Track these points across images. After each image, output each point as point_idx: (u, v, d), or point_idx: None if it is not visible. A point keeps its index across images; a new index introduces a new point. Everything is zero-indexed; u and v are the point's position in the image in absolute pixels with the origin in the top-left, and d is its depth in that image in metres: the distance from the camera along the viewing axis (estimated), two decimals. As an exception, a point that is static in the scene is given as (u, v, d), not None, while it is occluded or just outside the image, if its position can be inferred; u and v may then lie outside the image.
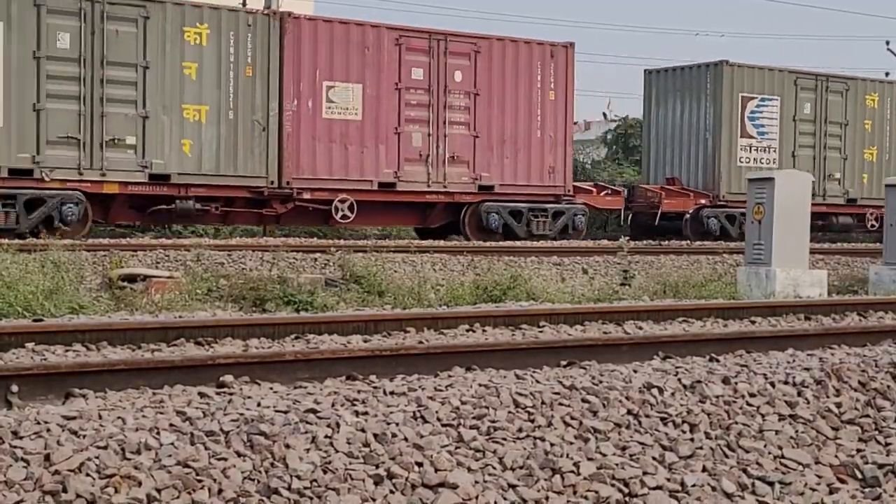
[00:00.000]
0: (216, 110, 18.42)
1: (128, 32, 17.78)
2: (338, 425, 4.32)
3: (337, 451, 4.18)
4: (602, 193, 23.70)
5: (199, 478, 3.86)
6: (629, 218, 24.98)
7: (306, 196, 19.39)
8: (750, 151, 24.89)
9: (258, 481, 3.94)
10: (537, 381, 5.19)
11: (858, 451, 4.99)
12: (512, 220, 21.07)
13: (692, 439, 4.80)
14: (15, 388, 5.47)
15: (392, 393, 4.88)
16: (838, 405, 5.31)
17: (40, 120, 17.14)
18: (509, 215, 21.10)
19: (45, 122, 17.16)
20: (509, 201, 21.19)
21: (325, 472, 4.04)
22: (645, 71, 27.11)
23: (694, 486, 4.41)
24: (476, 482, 4.17)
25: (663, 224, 24.46)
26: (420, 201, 20.83)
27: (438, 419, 4.53)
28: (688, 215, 24.41)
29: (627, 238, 17.89)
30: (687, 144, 25.50)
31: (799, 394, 5.34)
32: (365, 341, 7.92)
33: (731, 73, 24.55)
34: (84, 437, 4.01)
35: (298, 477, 3.98)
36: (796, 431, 5.02)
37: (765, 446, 4.85)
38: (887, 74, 30.17)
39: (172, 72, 18.10)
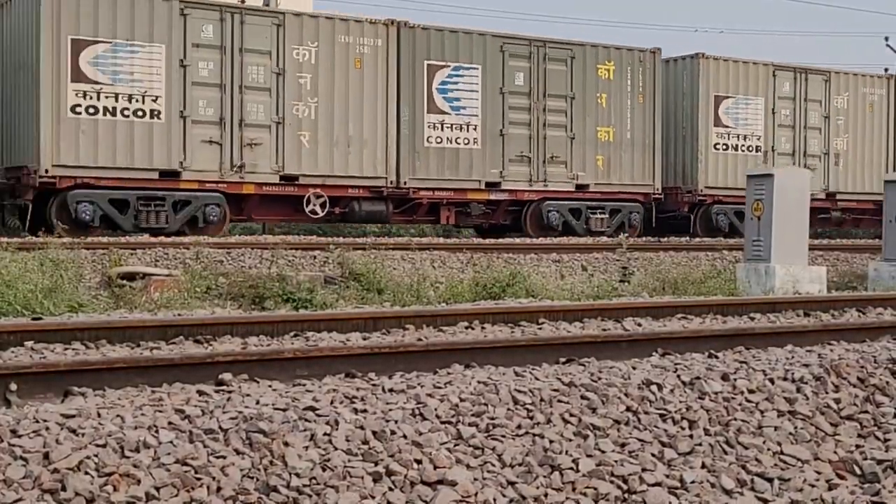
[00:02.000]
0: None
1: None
2: (337, 423, 4.32)
3: (336, 449, 4.18)
4: None
5: (197, 476, 3.86)
6: None
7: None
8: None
9: (257, 479, 3.94)
10: (536, 378, 5.19)
11: (857, 447, 4.99)
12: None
13: (691, 436, 4.80)
14: (14, 386, 5.46)
15: (391, 390, 4.88)
16: (837, 401, 5.31)
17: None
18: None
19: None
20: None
21: (324, 470, 4.04)
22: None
23: (693, 482, 4.42)
24: (475, 479, 4.17)
25: None
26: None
27: (437, 416, 4.53)
28: None
29: (626, 235, 17.90)
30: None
31: (798, 390, 5.34)
32: (364, 339, 7.91)
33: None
34: (83, 435, 4.01)
35: (297, 475, 3.98)
36: (795, 428, 5.02)
37: (764, 442, 4.85)
38: (886, 70, 30.18)
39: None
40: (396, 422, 4.42)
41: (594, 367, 5.68)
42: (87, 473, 3.76)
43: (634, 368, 5.53)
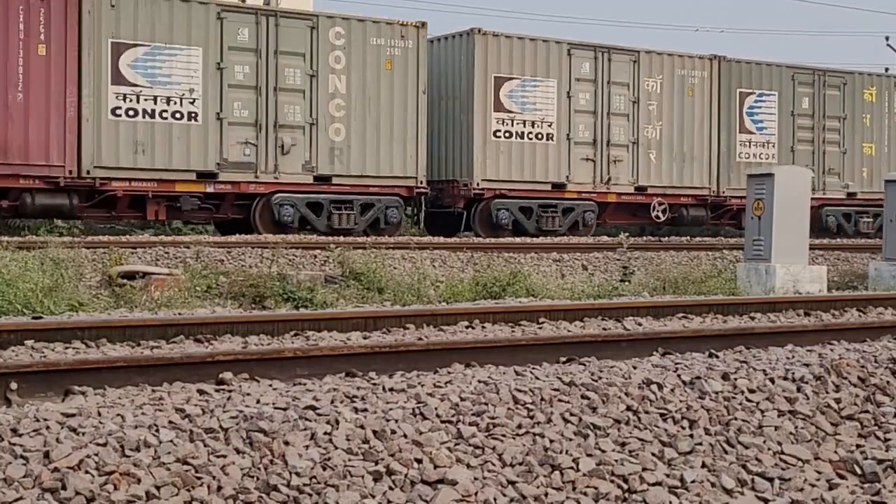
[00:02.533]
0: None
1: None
2: (337, 422, 4.32)
3: (336, 448, 4.18)
4: None
5: (198, 475, 3.86)
6: None
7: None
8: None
9: (257, 478, 3.94)
10: (537, 378, 5.19)
11: (858, 446, 4.99)
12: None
13: (691, 435, 4.80)
14: (14, 385, 5.47)
15: (391, 389, 4.88)
16: (838, 401, 5.31)
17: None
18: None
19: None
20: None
21: (324, 469, 4.04)
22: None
23: (693, 481, 4.41)
24: (475, 479, 4.17)
25: None
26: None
27: (438, 416, 4.53)
28: None
29: (627, 234, 17.91)
30: None
31: (798, 389, 5.34)
32: (364, 338, 7.91)
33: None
34: (83, 434, 4.01)
35: (298, 474, 3.98)
36: (796, 427, 5.02)
37: (764, 442, 4.85)
38: (886, 70, 30.18)
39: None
40: (397, 421, 4.42)
41: (595, 366, 5.68)
42: (87, 472, 3.76)
43: (635, 368, 5.53)
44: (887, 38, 41.30)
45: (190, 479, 3.83)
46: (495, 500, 4.08)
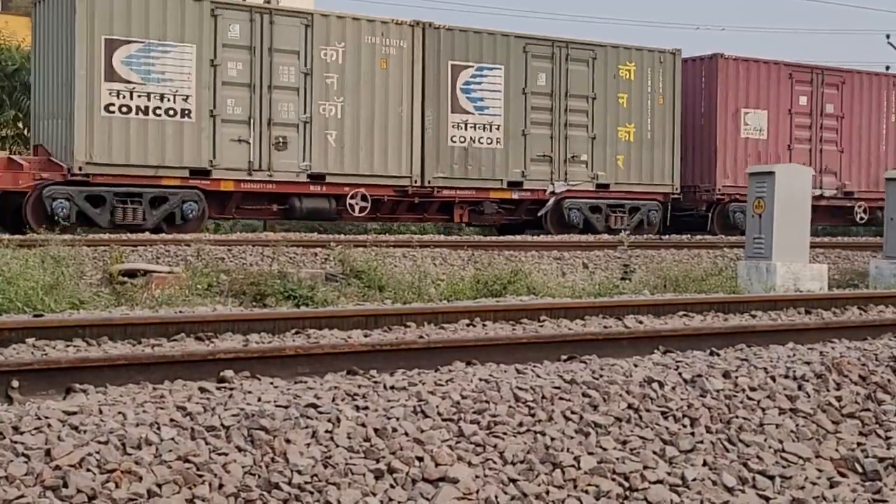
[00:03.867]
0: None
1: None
2: (338, 420, 4.32)
3: (337, 446, 4.18)
4: None
5: (199, 473, 3.86)
6: None
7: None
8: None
9: (259, 476, 3.94)
10: (538, 376, 5.19)
11: (859, 444, 4.99)
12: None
13: (693, 433, 4.80)
14: (15, 383, 5.47)
15: (392, 387, 4.88)
16: (839, 399, 5.31)
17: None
18: None
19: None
20: None
21: (325, 467, 4.04)
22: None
23: (694, 480, 4.42)
24: (476, 476, 4.17)
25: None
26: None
27: (439, 414, 4.53)
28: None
29: (627, 232, 17.89)
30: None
31: (799, 388, 5.34)
32: (365, 336, 7.91)
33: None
34: (85, 432, 4.01)
35: (299, 472, 3.98)
36: (797, 425, 5.02)
37: (765, 440, 4.85)
38: (888, 68, 30.15)
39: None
40: (398, 419, 4.42)
41: (596, 364, 5.68)
42: (88, 470, 3.76)
43: (636, 366, 5.53)
44: (888, 36, 41.24)
45: (191, 477, 3.83)
46: (496, 498, 4.08)
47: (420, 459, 4.20)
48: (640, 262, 16.83)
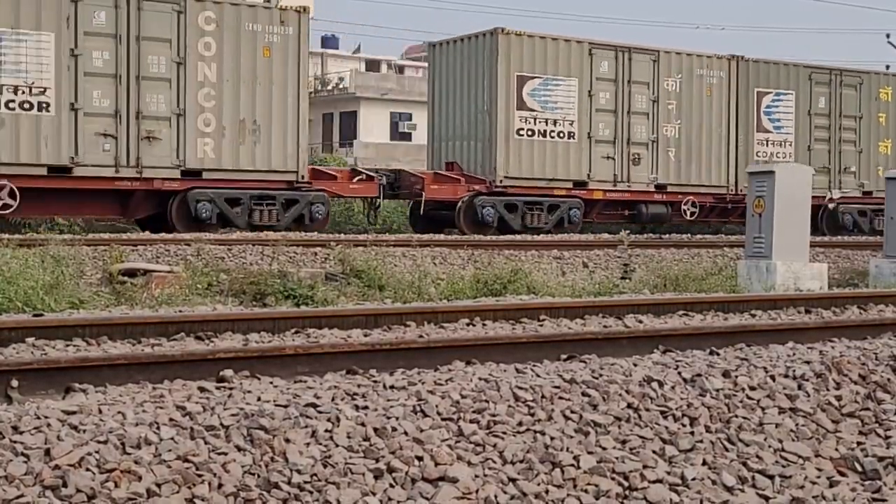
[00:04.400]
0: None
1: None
2: (338, 419, 4.32)
3: (337, 446, 4.18)
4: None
5: (199, 472, 3.86)
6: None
7: None
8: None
9: (258, 475, 3.94)
10: (537, 375, 5.19)
11: (858, 443, 4.99)
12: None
13: (692, 433, 4.80)
14: (15, 382, 5.47)
15: (392, 387, 4.88)
16: (838, 398, 5.31)
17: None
18: None
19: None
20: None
21: (325, 467, 4.04)
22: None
23: (694, 479, 4.42)
24: (476, 476, 4.17)
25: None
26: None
27: (438, 413, 4.53)
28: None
29: (628, 231, 17.89)
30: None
31: (799, 387, 5.34)
32: (365, 335, 7.91)
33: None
34: (84, 431, 4.01)
35: (298, 471, 3.98)
36: (796, 424, 5.02)
37: (765, 439, 4.85)
38: (888, 67, 30.16)
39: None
40: (397, 418, 4.42)
41: (595, 363, 5.68)
42: (88, 470, 3.76)
43: (636, 365, 5.53)
44: (888, 36, 41.25)
45: (191, 476, 3.83)
46: (496, 497, 4.08)
47: (419, 459, 4.20)
48: (639, 262, 16.82)
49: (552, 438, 4.51)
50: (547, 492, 4.18)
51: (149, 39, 18.83)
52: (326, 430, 4.25)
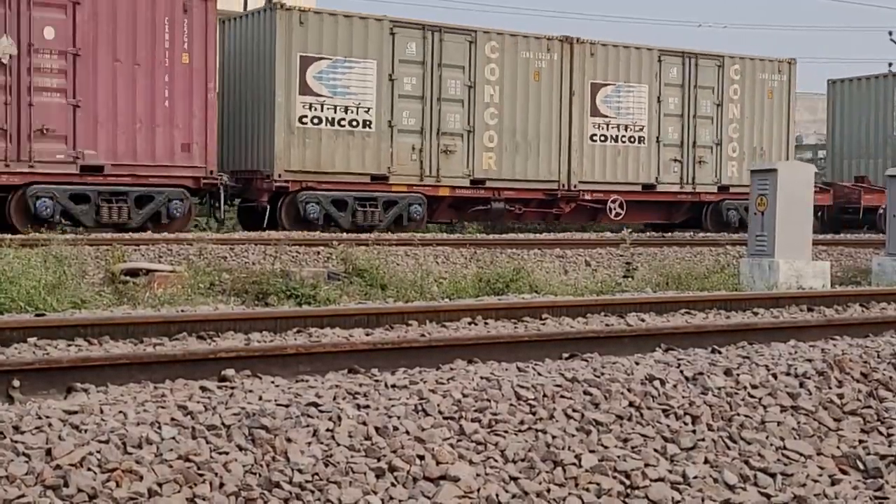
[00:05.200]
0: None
1: None
2: (339, 419, 4.32)
3: (338, 445, 4.18)
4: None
5: (200, 472, 3.86)
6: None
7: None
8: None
9: (259, 475, 3.94)
10: (539, 374, 5.19)
11: (860, 442, 4.99)
12: None
13: (694, 431, 4.80)
14: (17, 382, 5.47)
15: (394, 386, 4.87)
16: (840, 396, 5.30)
17: None
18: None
19: None
20: None
21: (326, 466, 4.04)
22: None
23: (696, 477, 4.41)
24: (477, 475, 4.17)
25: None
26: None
27: (440, 412, 4.53)
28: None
29: (630, 231, 17.87)
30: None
31: (801, 385, 5.34)
32: (367, 334, 7.91)
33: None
34: (85, 431, 4.02)
35: (300, 470, 3.98)
36: (798, 423, 5.02)
37: (767, 438, 4.85)
38: (890, 65, 30.13)
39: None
40: (399, 418, 4.42)
41: (597, 362, 5.68)
42: (89, 469, 3.76)
43: (637, 364, 5.52)
44: (891, 33, 41.22)
45: (192, 476, 3.83)
46: (497, 496, 4.08)
47: (421, 458, 4.20)
48: (642, 260, 16.81)
49: (554, 437, 4.51)
50: (548, 490, 4.18)
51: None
52: (328, 430, 4.24)
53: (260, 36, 20.01)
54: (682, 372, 5.29)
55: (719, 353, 6.13)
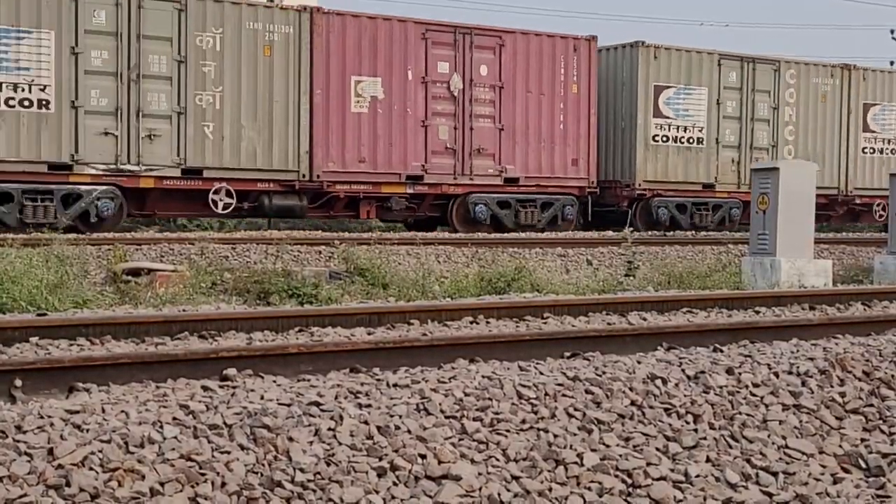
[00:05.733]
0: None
1: None
2: (341, 418, 4.32)
3: (340, 444, 4.18)
4: None
5: (202, 471, 3.86)
6: None
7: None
8: None
9: (261, 474, 3.94)
10: (541, 373, 5.19)
11: (862, 440, 4.98)
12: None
13: (696, 430, 4.80)
14: (19, 382, 5.48)
15: (395, 385, 4.87)
16: (842, 395, 5.30)
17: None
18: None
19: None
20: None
21: (328, 465, 4.04)
22: None
23: (698, 476, 4.41)
24: (479, 474, 4.16)
25: None
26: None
27: (442, 411, 4.53)
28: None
29: (631, 229, 17.87)
30: None
31: (803, 384, 5.34)
32: (369, 334, 7.91)
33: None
34: (87, 430, 4.02)
35: (302, 470, 3.98)
36: (800, 421, 5.01)
37: (768, 436, 4.85)
38: (892, 63, 30.12)
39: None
40: (401, 417, 4.42)
41: (599, 361, 5.68)
42: (91, 469, 3.77)
43: (639, 363, 5.52)
44: (892, 31, 41.24)
45: (194, 475, 3.83)
46: (499, 495, 4.08)
47: (423, 457, 4.20)
48: (644, 259, 16.80)
49: (555, 436, 4.51)
50: (550, 489, 4.18)
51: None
52: (329, 429, 4.25)
53: (622, 67, 23.40)
54: (683, 371, 5.29)
55: (721, 351, 6.13)
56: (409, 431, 4.33)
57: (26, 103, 17.19)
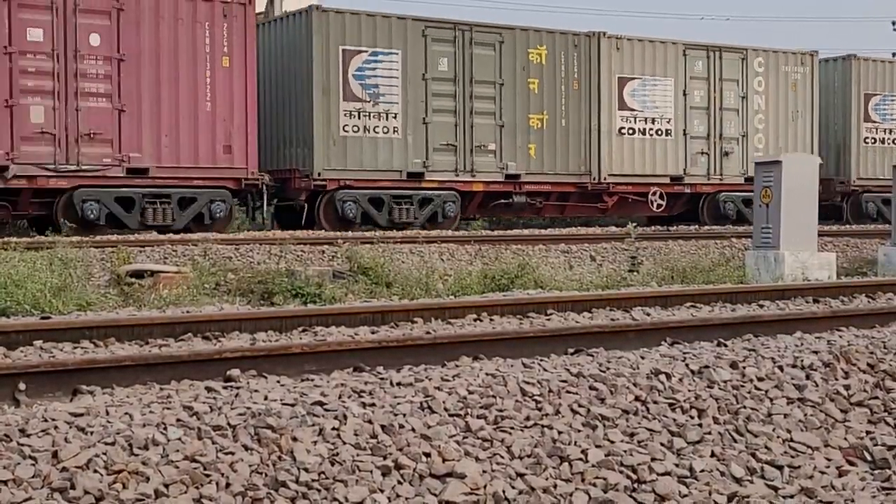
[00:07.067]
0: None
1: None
2: (345, 417, 4.32)
3: (344, 443, 4.18)
4: None
5: (206, 472, 3.86)
6: None
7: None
8: None
9: (266, 475, 3.94)
10: (545, 370, 5.18)
11: (867, 433, 4.98)
12: None
13: (700, 425, 4.79)
14: (23, 385, 5.48)
15: (399, 384, 4.87)
16: (847, 388, 5.29)
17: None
18: None
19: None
20: None
21: (332, 465, 4.04)
22: None
23: (702, 471, 4.41)
24: (484, 471, 4.16)
25: None
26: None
27: (446, 409, 4.53)
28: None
29: (635, 224, 17.85)
30: None
31: (807, 377, 5.33)
32: (372, 333, 7.91)
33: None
34: (91, 433, 4.02)
35: (306, 469, 3.98)
36: (805, 415, 5.01)
37: (773, 430, 4.84)
38: (894, 55, 30.09)
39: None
40: (405, 415, 4.42)
41: (603, 357, 5.67)
42: (95, 471, 3.77)
43: (643, 358, 5.51)
44: (894, 23, 41.20)
45: (198, 476, 3.83)
46: (504, 492, 4.07)
47: (427, 455, 4.19)
48: (647, 254, 16.79)
49: (560, 433, 4.50)
50: (555, 486, 4.18)
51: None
52: (333, 428, 4.24)
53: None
54: (687, 365, 5.28)
55: (725, 346, 6.12)
56: (413, 430, 4.33)
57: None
